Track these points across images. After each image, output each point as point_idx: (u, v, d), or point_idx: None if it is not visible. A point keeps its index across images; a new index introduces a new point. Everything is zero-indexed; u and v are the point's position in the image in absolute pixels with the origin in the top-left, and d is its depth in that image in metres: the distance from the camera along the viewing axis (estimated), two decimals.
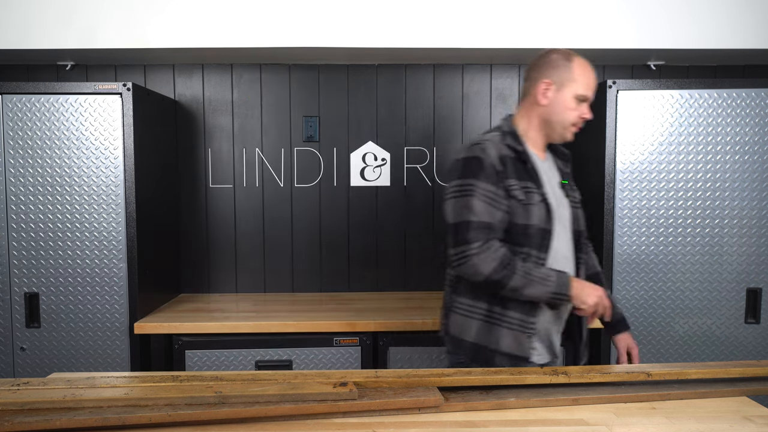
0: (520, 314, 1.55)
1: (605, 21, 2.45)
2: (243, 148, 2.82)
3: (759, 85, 2.28)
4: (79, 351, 2.31)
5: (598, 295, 1.53)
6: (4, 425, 1.07)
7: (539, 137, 1.66)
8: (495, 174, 1.52)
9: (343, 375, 1.35)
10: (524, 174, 1.57)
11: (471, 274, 1.51)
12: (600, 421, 1.21)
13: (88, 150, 2.27)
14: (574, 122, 1.62)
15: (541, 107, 1.62)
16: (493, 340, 1.55)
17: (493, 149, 1.55)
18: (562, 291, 1.50)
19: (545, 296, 1.51)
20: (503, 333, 1.55)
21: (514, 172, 1.55)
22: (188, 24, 2.42)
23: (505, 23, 2.45)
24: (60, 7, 2.39)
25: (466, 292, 1.60)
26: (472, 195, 1.51)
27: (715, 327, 2.34)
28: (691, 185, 2.31)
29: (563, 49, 1.65)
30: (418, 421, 1.21)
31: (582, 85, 1.59)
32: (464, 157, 1.56)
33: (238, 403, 1.19)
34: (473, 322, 1.58)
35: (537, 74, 1.63)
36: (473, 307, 1.59)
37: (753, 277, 2.33)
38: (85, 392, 1.21)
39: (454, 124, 2.84)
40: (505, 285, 1.49)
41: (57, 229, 2.28)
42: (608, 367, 1.45)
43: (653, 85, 2.29)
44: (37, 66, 2.75)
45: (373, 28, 2.42)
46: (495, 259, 1.48)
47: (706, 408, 1.29)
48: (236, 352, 2.26)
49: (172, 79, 2.79)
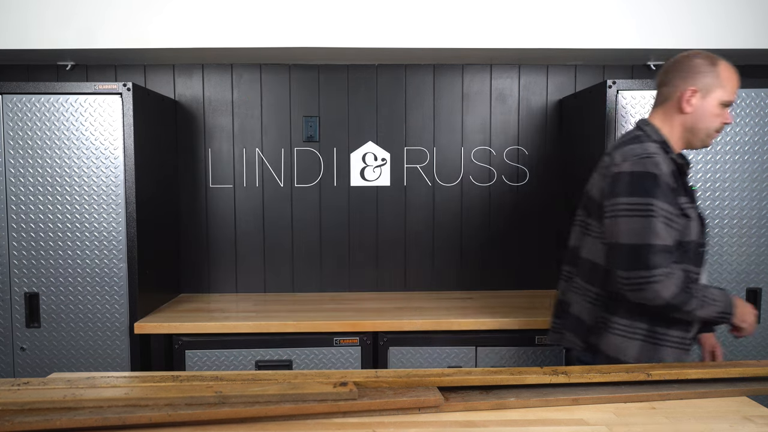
0: (679, 332, 1.54)
1: (605, 21, 2.46)
2: (243, 148, 2.82)
3: (759, 85, 2.28)
4: (79, 351, 2.31)
5: (755, 314, 1.54)
6: (4, 425, 1.07)
7: (679, 144, 1.62)
8: (670, 192, 1.47)
9: (343, 375, 1.35)
10: (685, 188, 1.55)
11: (650, 299, 1.45)
12: (600, 421, 1.21)
13: (88, 150, 2.27)
14: (718, 129, 1.58)
15: (684, 115, 1.57)
16: (656, 359, 1.53)
17: (663, 164, 1.48)
18: (728, 311, 1.50)
19: (713, 316, 1.49)
20: (666, 352, 1.53)
21: (681, 188, 1.52)
22: (188, 24, 2.42)
23: (505, 23, 2.45)
24: (59, 7, 2.39)
25: (622, 312, 1.54)
26: (653, 216, 1.43)
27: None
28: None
29: (705, 53, 1.58)
30: (418, 421, 1.21)
31: (729, 91, 1.55)
32: (635, 171, 1.47)
33: (238, 403, 1.19)
34: (634, 343, 1.54)
35: (679, 80, 1.57)
36: (632, 327, 1.54)
37: (753, 277, 2.33)
38: (85, 392, 1.21)
39: (454, 124, 2.84)
40: (682, 308, 1.46)
41: (57, 229, 2.28)
42: (608, 367, 1.45)
43: (653, 85, 2.28)
44: (37, 66, 2.75)
45: (373, 28, 2.42)
46: (676, 285, 1.43)
47: (706, 408, 1.29)
48: (236, 352, 2.26)
49: (172, 79, 2.79)
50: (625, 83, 2.29)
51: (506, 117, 2.85)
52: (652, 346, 1.53)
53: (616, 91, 2.29)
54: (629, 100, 2.29)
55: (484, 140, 2.85)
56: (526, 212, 2.88)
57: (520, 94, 2.85)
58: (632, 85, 2.29)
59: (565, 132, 2.80)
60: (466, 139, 2.85)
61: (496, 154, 2.86)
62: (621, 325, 1.55)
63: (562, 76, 2.84)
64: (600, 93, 2.34)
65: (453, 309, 2.47)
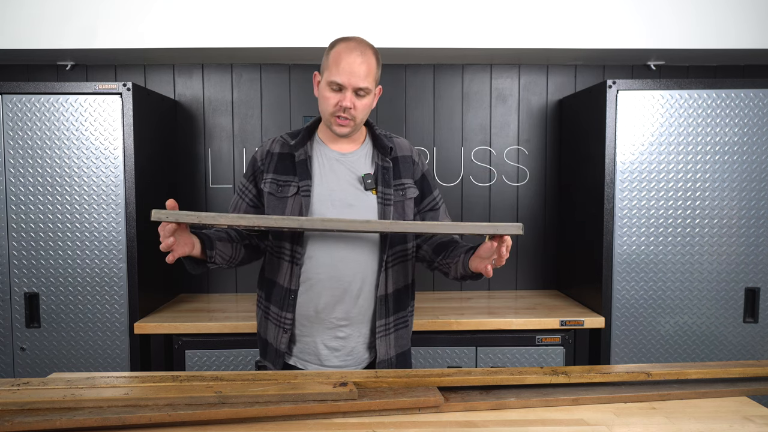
0: None
1: (605, 21, 2.46)
2: (243, 148, 2.81)
3: (759, 85, 2.29)
4: (79, 351, 2.31)
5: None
6: (4, 425, 1.07)
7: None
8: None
9: (343, 375, 1.35)
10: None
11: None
12: (600, 421, 1.21)
13: (88, 150, 2.27)
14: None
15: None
16: None
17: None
18: None
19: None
20: None
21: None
22: (188, 24, 2.42)
23: (505, 23, 2.46)
24: (60, 7, 2.40)
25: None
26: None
27: (713, 326, 2.34)
28: (690, 185, 2.31)
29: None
30: (418, 421, 1.21)
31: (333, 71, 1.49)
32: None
33: (238, 403, 1.19)
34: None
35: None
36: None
37: (752, 276, 2.33)
38: (85, 392, 1.21)
39: (454, 124, 2.84)
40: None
41: (57, 229, 2.28)
42: (608, 367, 1.45)
43: (653, 85, 2.30)
44: (37, 66, 2.75)
45: (373, 29, 2.42)
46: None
47: (706, 408, 1.29)
48: (236, 352, 2.26)
49: (172, 79, 2.79)
50: (625, 83, 2.29)
51: (506, 117, 2.85)
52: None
53: (616, 91, 2.29)
54: (629, 100, 2.29)
55: (484, 140, 2.85)
56: (526, 212, 2.88)
57: (520, 94, 2.85)
58: (632, 85, 2.29)
59: (565, 132, 2.81)
60: (466, 139, 2.85)
61: (496, 154, 2.86)
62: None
63: (562, 76, 2.84)
64: (600, 93, 2.34)
65: (453, 309, 2.47)
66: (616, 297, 2.33)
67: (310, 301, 1.54)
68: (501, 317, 2.32)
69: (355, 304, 1.54)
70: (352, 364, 1.58)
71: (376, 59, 1.52)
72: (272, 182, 1.56)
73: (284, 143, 1.61)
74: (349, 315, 1.54)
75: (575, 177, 2.67)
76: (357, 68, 1.47)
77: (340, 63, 1.47)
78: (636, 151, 2.30)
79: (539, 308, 2.49)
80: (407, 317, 1.65)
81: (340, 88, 1.48)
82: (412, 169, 1.64)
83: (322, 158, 1.58)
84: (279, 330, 1.56)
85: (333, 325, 1.55)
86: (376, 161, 1.59)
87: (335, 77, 1.47)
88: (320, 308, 1.54)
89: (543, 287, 2.90)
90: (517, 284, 2.90)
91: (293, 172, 1.55)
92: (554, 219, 2.88)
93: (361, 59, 1.48)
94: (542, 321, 2.29)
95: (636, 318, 2.34)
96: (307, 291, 1.54)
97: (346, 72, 1.47)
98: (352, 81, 1.47)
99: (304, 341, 1.57)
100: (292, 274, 1.54)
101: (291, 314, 1.55)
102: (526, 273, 2.90)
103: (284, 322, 1.55)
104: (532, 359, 2.32)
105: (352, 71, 1.47)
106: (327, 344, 1.56)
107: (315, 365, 1.57)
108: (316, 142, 1.61)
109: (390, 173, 1.58)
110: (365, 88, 1.49)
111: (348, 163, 1.58)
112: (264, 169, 1.59)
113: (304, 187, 1.53)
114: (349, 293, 1.53)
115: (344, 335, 1.56)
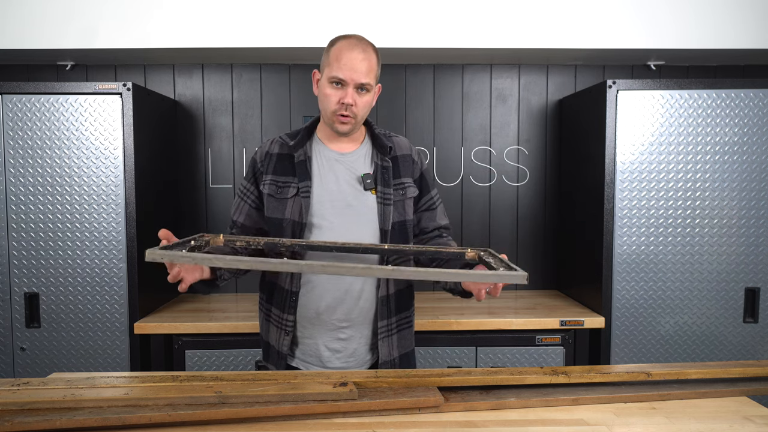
0: None
1: (605, 21, 2.46)
2: (243, 148, 2.81)
3: (759, 85, 2.29)
4: (79, 351, 2.31)
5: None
6: (4, 425, 1.07)
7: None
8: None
9: (343, 375, 1.35)
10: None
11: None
12: (600, 421, 1.21)
13: (88, 150, 2.27)
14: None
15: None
16: None
17: None
18: None
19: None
20: None
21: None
22: (188, 24, 2.42)
23: (505, 23, 2.46)
24: (60, 7, 2.40)
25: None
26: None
27: (713, 326, 2.34)
28: (690, 185, 2.31)
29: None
30: (418, 421, 1.21)
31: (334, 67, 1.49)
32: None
33: (238, 403, 1.19)
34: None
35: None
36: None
37: (752, 276, 2.33)
38: (85, 392, 1.21)
39: (454, 124, 2.84)
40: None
41: (57, 229, 2.28)
42: (608, 367, 1.45)
43: (653, 85, 2.30)
44: (37, 66, 2.75)
45: (373, 29, 2.42)
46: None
47: (706, 408, 1.29)
48: (236, 352, 2.26)
49: (172, 79, 2.79)
50: (625, 83, 2.29)
51: (506, 117, 2.85)
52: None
53: (616, 91, 2.29)
54: (629, 100, 2.29)
55: (484, 140, 2.85)
56: (526, 212, 2.88)
57: (520, 94, 2.85)
58: (632, 85, 2.29)
59: (565, 132, 2.81)
60: (466, 139, 2.85)
61: (496, 154, 2.86)
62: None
63: (562, 76, 2.84)
64: (600, 93, 2.34)
65: (453, 309, 2.47)
66: (616, 297, 2.33)
67: (311, 302, 1.54)
68: (501, 317, 2.32)
69: (357, 305, 1.54)
70: (355, 366, 1.58)
71: (376, 56, 1.53)
72: (272, 183, 1.56)
73: (283, 144, 1.61)
74: (350, 316, 1.54)
75: (575, 177, 2.67)
76: (359, 64, 1.47)
77: (341, 59, 1.46)
78: (636, 151, 2.30)
79: (539, 308, 2.49)
80: (410, 317, 1.65)
81: (342, 84, 1.48)
82: (412, 168, 1.64)
83: (321, 158, 1.58)
84: (281, 332, 1.56)
85: (334, 327, 1.55)
86: (376, 161, 1.59)
87: (337, 73, 1.47)
88: (321, 310, 1.54)
89: (543, 287, 2.90)
90: (517, 284, 2.89)
91: (292, 173, 1.55)
92: (554, 219, 2.88)
93: (363, 55, 1.48)
94: (542, 321, 2.30)
95: (636, 318, 2.34)
96: (308, 293, 1.54)
97: (348, 68, 1.46)
98: (353, 77, 1.46)
99: (306, 343, 1.57)
100: (293, 276, 1.54)
101: (292, 316, 1.55)
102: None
103: (286, 324, 1.55)
104: (532, 359, 2.32)
105: (354, 67, 1.46)
106: (329, 346, 1.56)
107: (317, 367, 1.57)
108: (315, 141, 1.61)
109: (389, 173, 1.58)
110: (367, 85, 1.49)
111: (347, 163, 1.58)
112: (263, 170, 1.59)
113: (303, 188, 1.53)
114: (350, 294, 1.53)
115: (346, 336, 1.56)
